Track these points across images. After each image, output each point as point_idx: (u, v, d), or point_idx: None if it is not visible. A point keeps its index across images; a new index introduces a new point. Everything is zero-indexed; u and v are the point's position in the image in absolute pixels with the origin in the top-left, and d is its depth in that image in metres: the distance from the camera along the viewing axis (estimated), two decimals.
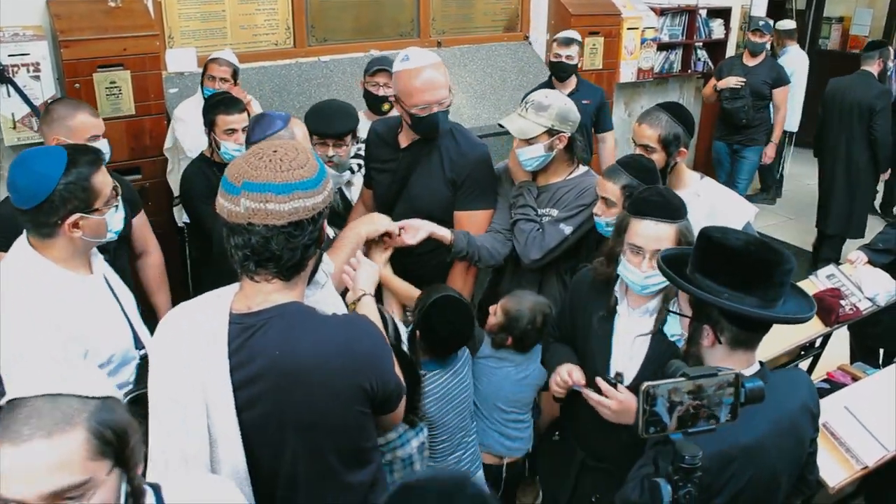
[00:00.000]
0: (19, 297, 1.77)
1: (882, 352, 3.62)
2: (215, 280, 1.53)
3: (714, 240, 1.52)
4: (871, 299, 3.22)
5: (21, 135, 3.43)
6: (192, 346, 1.38)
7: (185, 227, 3.55)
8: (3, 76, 3.32)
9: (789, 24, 6.06)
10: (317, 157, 1.42)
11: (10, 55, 3.32)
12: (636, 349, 1.98)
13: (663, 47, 5.73)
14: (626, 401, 1.85)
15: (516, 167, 2.51)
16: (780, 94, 5.33)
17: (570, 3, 5.00)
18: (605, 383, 1.89)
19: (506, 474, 2.43)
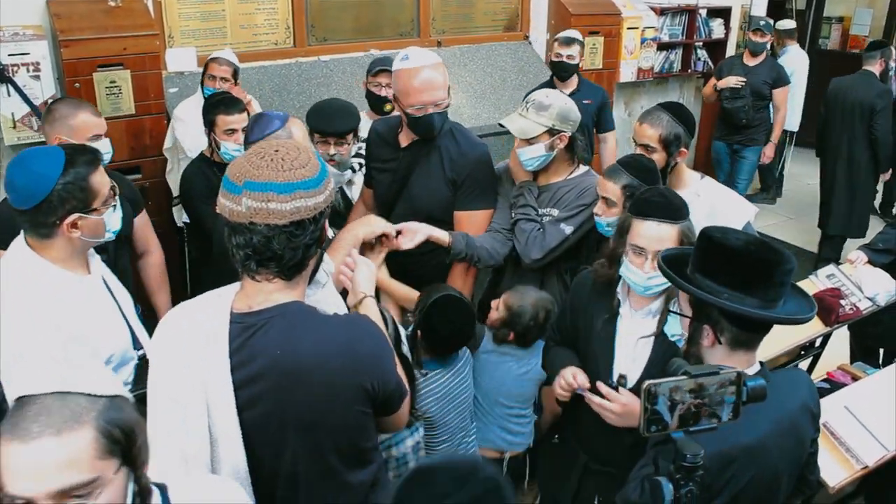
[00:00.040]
0: (19, 297, 1.77)
1: (882, 351, 3.62)
2: (216, 280, 1.53)
3: (714, 240, 1.52)
4: (871, 299, 3.22)
5: (21, 134, 3.43)
6: (192, 345, 1.37)
7: (185, 227, 3.55)
8: (3, 76, 3.32)
9: (789, 23, 6.06)
10: (318, 157, 1.42)
11: (10, 55, 3.32)
12: (639, 351, 1.97)
13: (663, 47, 5.72)
14: (629, 403, 1.84)
15: (517, 167, 2.51)
16: (780, 95, 5.32)
17: (570, 3, 5.00)
18: (607, 387, 1.89)
19: (507, 469, 2.43)
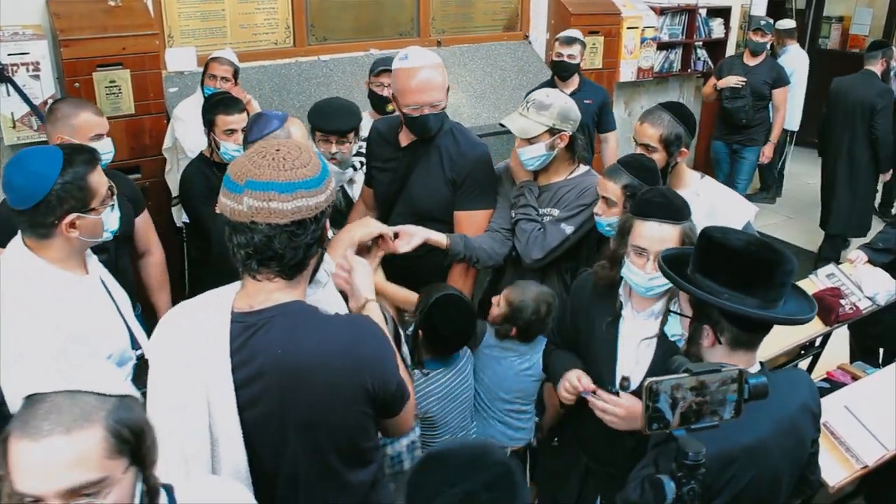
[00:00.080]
0: (18, 297, 1.77)
1: (882, 351, 3.62)
2: (215, 280, 1.53)
3: (715, 240, 1.51)
4: (871, 298, 3.22)
5: (20, 134, 3.43)
6: (192, 345, 1.37)
7: (184, 227, 3.55)
8: (3, 75, 3.31)
9: (789, 23, 6.07)
10: (320, 156, 1.42)
11: (9, 54, 3.32)
12: (642, 353, 1.95)
13: (663, 46, 5.72)
14: (632, 407, 1.82)
15: (517, 167, 2.51)
16: (780, 95, 5.32)
17: (570, 3, 4.99)
18: (606, 394, 1.87)
19: None
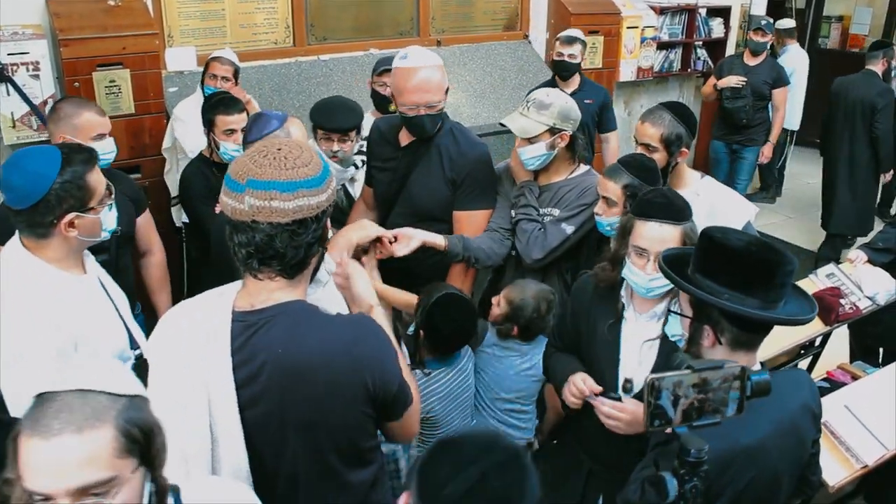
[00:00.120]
0: (18, 297, 1.76)
1: (882, 351, 3.61)
2: (215, 280, 1.53)
3: (715, 240, 1.51)
4: (870, 298, 3.22)
5: (20, 133, 3.43)
6: (192, 344, 1.37)
7: (184, 227, 3.55)
8: (3, 75, 3.31)
9: (789, 22, 6.06)
10: (321, 156, 1.42)
11: (9, 54, 3.32)
12: (644, 354, 1.93)
13: (663, 46, 5.72)
14: (636, 412, 1.80)
15: (518, 166, 2.51)
16: (780, 95, 5.31)
17: (570, 2, 4.99)
18: (608, 401, 1.86)
19: None
